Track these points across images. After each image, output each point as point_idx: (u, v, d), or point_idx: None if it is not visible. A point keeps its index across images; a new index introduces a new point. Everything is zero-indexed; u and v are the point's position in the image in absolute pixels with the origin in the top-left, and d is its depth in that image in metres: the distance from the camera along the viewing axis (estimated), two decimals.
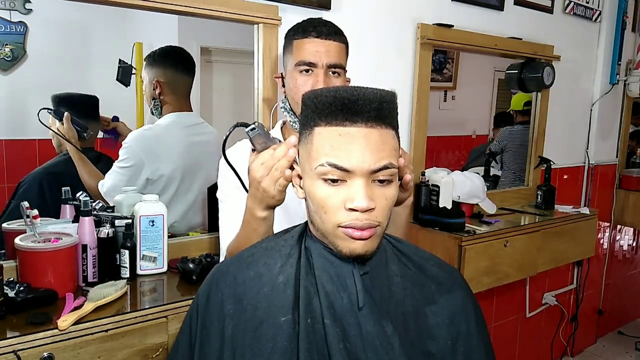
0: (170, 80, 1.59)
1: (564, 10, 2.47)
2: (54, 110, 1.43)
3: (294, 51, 1.11)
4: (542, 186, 2.34)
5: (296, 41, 1.10)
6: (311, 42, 1.08)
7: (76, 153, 1.46)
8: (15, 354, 0.95)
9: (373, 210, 0.71)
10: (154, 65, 1.58)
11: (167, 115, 1.60)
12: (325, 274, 0.76)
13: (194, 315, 0.82)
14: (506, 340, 2.51)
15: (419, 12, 1.88)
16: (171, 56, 1.59)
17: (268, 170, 0.84)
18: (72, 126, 1.45)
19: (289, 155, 0.83)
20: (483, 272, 1.84)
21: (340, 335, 0.73)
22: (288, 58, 1.13)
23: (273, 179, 0.84)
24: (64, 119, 1.43)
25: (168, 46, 1.59)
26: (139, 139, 1.53)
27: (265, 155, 0.84)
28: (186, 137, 1.62)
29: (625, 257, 3.25)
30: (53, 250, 1.15)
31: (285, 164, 0.83)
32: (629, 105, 2.93)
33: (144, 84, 1.60)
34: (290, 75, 1.12)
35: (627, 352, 3.01)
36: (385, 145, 0.72)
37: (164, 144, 1.58)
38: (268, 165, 0.84)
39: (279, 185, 0.85)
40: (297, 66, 1.09)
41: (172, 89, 1.59)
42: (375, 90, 0.73)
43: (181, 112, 1.61)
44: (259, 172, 0.85)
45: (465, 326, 0.81)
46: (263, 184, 0.85)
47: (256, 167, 0.85)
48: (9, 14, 1.32)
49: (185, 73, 1.62)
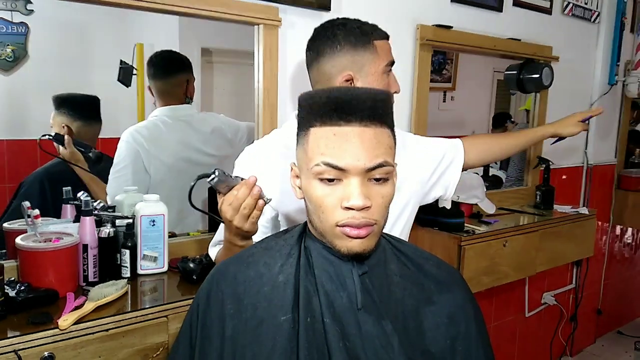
0: (158, 86, 1.61)
1: (562, 12, 2.48)
2: (54, 136, 1.42)
3: (378, 52, 1.08)
4: (541, 186, 2.34)
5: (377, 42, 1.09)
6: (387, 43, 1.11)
7: (85, 175, 1.45)
8: (16, 353, 0.95)
9: (369, 208, 0.72)
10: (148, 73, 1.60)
11: (156, 110, 1.61)
12: (325, 273, 0.77)
13: (194, 314, 0.82)
14: (505, 340, 2.52)
15: (419, 13, 1.88)
16: (154, 65, 1.60)
17: (236, 210, 0.89)
18: (75, 149, 1.44)
19: (253, 193, 0.88)
20: (482, 271, 1.84)
21: (340, 334, 0.73)
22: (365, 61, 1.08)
23: (243, 217, 0.89)
24: (66, 143, 1.42)
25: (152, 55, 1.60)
26: (132, 132, 1.53)
27: (230, 197, 0.89)
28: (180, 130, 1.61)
29: (624, 257, 3.26)
30: (54, 250, 1.15)
31: (252, 202, 0.89)
32: (627, 105, 2.94)
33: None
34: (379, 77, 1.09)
35: (626, 352, 3.01)
36: (380, 143, 0.72)
37: (157, 136, 1.58)
38: (235, 206, 0.89)
39: (252, 218, 0.90)
40: (387, 66, 1.10)
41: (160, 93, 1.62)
42: (369, 89, 0.74)
43: (171, 106, 1.61)
44: (229, 213, 0.90)
45: (465, 326, 0.81)
46: (234, 222, 0.90)
47: (225, 209, 0.90)
48: (11, 15, 1.32)
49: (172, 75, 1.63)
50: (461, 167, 1.29)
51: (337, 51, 1.07)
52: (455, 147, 1.29)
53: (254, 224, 0.91)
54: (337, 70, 1.06)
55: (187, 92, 1.65)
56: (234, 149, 1.11)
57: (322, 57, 1.08)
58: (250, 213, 0.89)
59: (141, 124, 1.58)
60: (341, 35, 1.07)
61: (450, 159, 1.28)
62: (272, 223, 1.10)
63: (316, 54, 1.09)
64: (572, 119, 1.44)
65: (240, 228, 0.90)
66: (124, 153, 1.51)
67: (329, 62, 1.07)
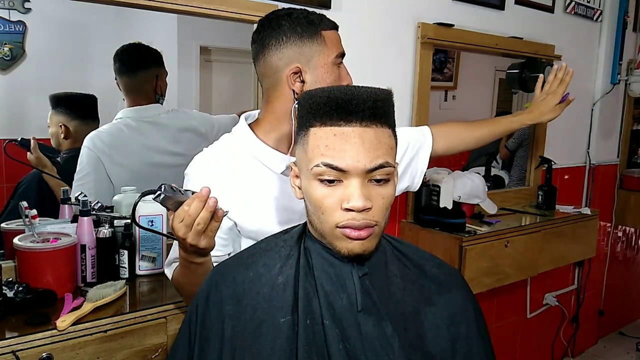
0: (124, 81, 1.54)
1: (564, 10, 2.47)
2: (19, 141, 1.37)
3: (327, 43, 1.02)
4: (543, 186, 2.33)
5: (325, 32, 1.02)
6: (336, 33, 1.05)
7: (52, 180, 1.40)
8: (14, 354, 0.95)
9: (370, 209, 0.71)
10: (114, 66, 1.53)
11: (120, 112, 1.54)
12: (325, 274, 0.76)
13: (193, 316, 0.82)
14: (507, 341, 2.51)
15: (420, 12, 1.88)
16: (120, 59, 1.52)
17: (189, 227, 0.83)
18: (42, 154, 1.39)
19: (209, 205, 0.83)
20: (484, 272, 1.83)
21: (340, 336, 0.73)
22: (314, 52, 1.01)
23: (197, 233, 0.84)
24: (32, 148, 1.37)
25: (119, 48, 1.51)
26: (92, 138, 1.46)
27: (181, 213, 0.83)
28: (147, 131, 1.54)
29: (626, 258, 3.25)
30: (52, 250, 1.15)
31: (206, 215, 0.83)
32: (630, 105, 2.93)
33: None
34: (329, 68, 1.03)
35: (627, 353, 3.00)
36: (381, 144, 0.72)
37: (119, 141, 1.51)
38: (187, 223, 0.83)
39: (209, 231, 0.85)
40: (337, 58, 1.03)
41: (127, 89, 1.55)
42: (370, 89, 0.73)
43: (136, 107, 1.54)
44: (181, 231, 0.84)
45: (466, 327, 0.81)
46: (189, 240, 0.84)
47: (177, 227, 0.84)
48: (8, 13, 1.32)
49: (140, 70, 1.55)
50: (429, 156, 1.23)
51: (282, 43, 1.00)
52: (422, 134, 1.24)
53: (210, 239, 0.86)
54: (284, 63, 1.00)
55: (157, 88, 1.56)
56: (210, 143, 1.06)
57: (267, 50, 1.01)
58: (206, 228, 0.84)
59: (103, 128, 1.51)
60: (286, 26, 1.00)
61: (417, 148, 1.22)
62: (230, 235, 1.04)
63: (261, 47, 1.02)
64: (547, 104, 1.35)
65: (196, 245, 0.85)
66: (85, 160, 1.44)
67: (275, 54, 1.01)
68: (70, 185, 1.43)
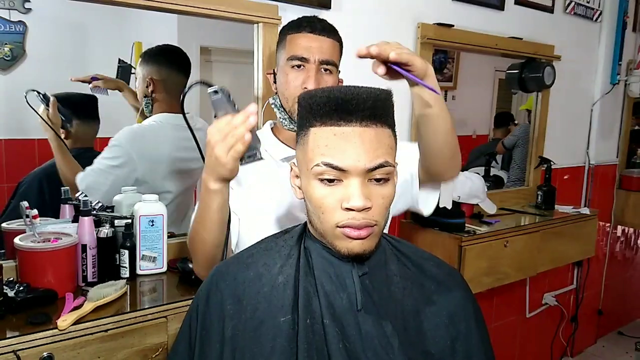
0: (164, 78, 1.54)
1: (564, 10, 2.47)
2: (42, 94, 1.37)
3: (286, 46, 1.07)
4: (543, 186, 2.34)
5: (289, 36, 1.07)
6: (305, 36, 1.05)
7: (55, 140, 1.38)
8: (15, 353, 0.95)
9: (370, 209, 0.71)
10: (150, 62, 1.54)
11: (157, 115, 1.55)
12: (325, 274, 0.76)
13: (193, 315, 0.82)
14: (506, 340, 2.51)
15: (420, 12, 1.88)
16: (168, 54, 1.56)
17: (223, 136, 0.82)
18: (58, 113, 1.38)
19: (249, 123, 0.81)
20: (483, 272, 1.83)
21: (340, 336, 0.73)
22: (281, 53, 1.10)
23: (227, 145, 0.82)
24: (50, 104, 1.37)
25: (166, 44, 1.56)
26: (131, 138, 1.47)
27: (223, 121, 0.82)
28: (177, 140, 1.54)
29: (625, 258, 3.25)
30: (52, 250, 1.15)
31: (243, 131, 0.81)
32: (629, 105, 2.93)
33: (137, 80, 1.55)
34: (282, 70, 1.08)
35: (626, 353, 3.00)
36: (381, 144, 0.72)
37: (156, 144, 1.52)
38: (224, 132, 0.82)
39: (233, 152, 0.82)
40: (289, 61, 1.05)
41: (165, 87, 1.55)
42: (370, 89, 0.73)
43: (171, 114, 1.56)
44: (214, 137, 0.82)
45: (465, 326, 0.81)
46: (216, 149, 0.82)
47: (212, 131, 0.83)
48: (9, 14, 1.32)
49: (181, 72, 1.58)
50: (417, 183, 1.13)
51: (278, 43, 1.11)
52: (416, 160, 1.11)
53: (234, 160, 0.83)
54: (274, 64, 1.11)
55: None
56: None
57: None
58: (235, 145, 0.81)
59: (143, 128, 1.53)
60: (282, 30, 1.11)
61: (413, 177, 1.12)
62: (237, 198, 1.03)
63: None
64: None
65: (219, 159, 0.82)
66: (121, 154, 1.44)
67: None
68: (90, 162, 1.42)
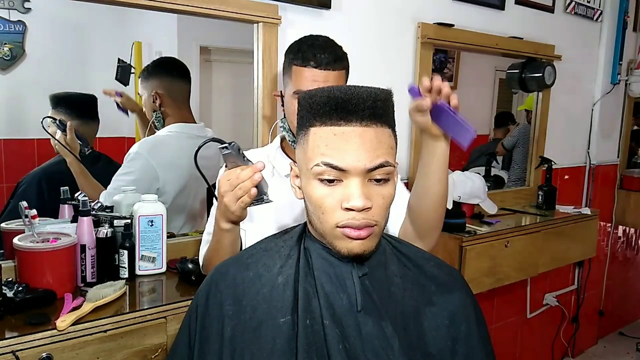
0: (168, 89, 1.57)
1: (565, 10, 2.47)
2: (58, 120, 1.40)
3: (292, 77, 1.09)
4: (543, 186, 2.33)
5: (295, 67, 1.08)
6: (310, 71, 1.06)
7: (77, 165, 1.41)
8: (13, 354, 0.95)
9: (370, 209, 0.71)
10: (150, 77, 1.56)
11: (171, 126, 1.57)
12: (325, 274, 0.76)
13: (193, 315, 0.82)
14: (507, 341, 2.51)
15: (420, 12, 1.88)
16: (165, 65, 1.58)
17: (232, 187, 0.89)
18: (76, 138, 1.41)
19: (254, 179, 0.87)
20: (484, 272, 1.83)
21: (340, 336, 0.73)
22: (287, 81, 1.12)
23: (235, 196, 0.89)
24: (67, 129, 1.40)
25: (160, 57, 1.58)
26: (150, 148, 1.50)
27: (232, 173, 0.89)
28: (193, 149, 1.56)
29: (626, 258, 3.25)
30: (51, 250, 1.14)
31: (249, 185, 0.88)
32: (630, 105, 2.93)
33: (143, 100, 1.58)
34: (289, 99, 1.11)
35: (628, 353, 3.00)
36: (381, 143, 0.72)
37: (175, 153, 1.53)
38: (233, 183, 0.89)
39: (241, 202, 0.89)
40: (295, 94, 1.08)
41: (172, 98, 1.58)
42: (370, 88, 0.73)
43: (186, 123, 1.59)
44: (223, 187, 0.90)
45: (466, 327, 0.80)
46: (225, 199, 0.90)
47: (222, 182, 0.90)
48: (8, 13, 1.32)
49: (182, 79, 1.60)
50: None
51: (284, 65, 1.13)
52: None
53: (242, 209, 0.91)
54: (280, 85, 1.13)
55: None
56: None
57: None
58: (243, 196, 0.89)
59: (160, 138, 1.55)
60: (288, 50, 1.12)
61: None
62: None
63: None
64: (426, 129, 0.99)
65: (228, 207, 0.90)
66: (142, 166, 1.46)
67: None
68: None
